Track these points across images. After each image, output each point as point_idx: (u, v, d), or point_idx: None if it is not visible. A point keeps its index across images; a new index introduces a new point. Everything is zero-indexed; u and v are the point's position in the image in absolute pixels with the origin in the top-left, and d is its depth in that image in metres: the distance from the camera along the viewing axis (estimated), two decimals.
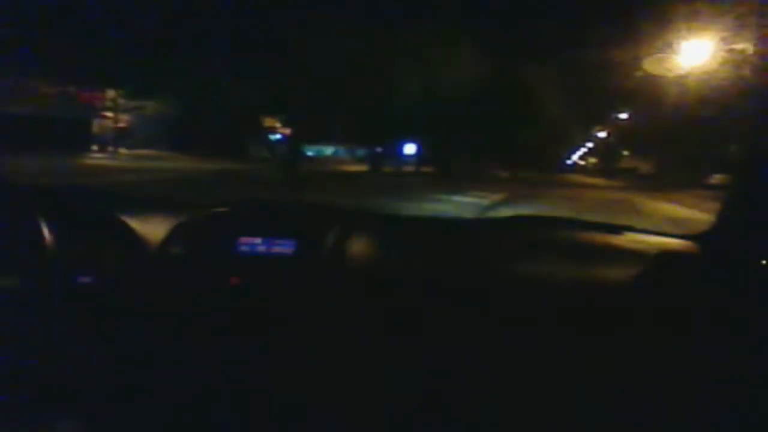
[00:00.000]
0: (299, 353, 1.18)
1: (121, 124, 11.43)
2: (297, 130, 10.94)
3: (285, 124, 11.09)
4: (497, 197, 7.51)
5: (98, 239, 1.21)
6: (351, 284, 1.22)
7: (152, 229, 1.26)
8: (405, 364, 1.18)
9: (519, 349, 1.17)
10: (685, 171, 9.44)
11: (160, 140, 9.32)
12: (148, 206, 1.34)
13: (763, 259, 1.13)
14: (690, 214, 7.11)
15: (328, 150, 12.15)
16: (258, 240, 1.23)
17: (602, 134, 12.17)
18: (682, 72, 2.16)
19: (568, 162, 13.84)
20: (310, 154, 11.49)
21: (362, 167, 11.10)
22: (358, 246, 1.27)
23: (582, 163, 15.21)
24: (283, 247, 1.23)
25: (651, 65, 2.15)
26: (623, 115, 9.70)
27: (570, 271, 1.22)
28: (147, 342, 1.16)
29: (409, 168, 11.30)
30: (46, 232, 1.13)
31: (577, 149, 14.12)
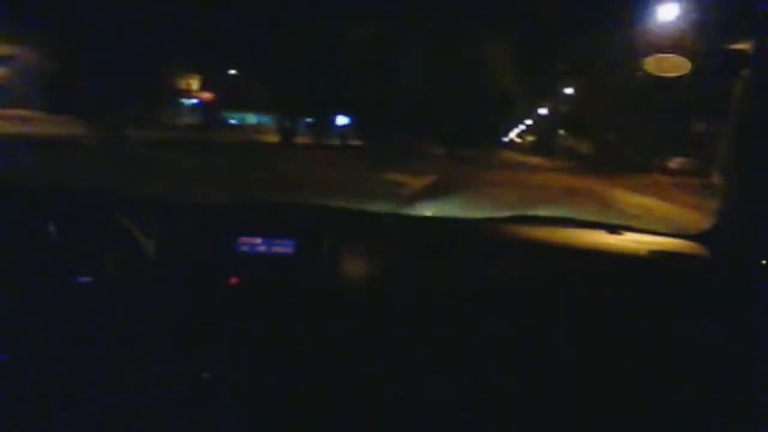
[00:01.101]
0: (299, 353, 1.22)
1: None
2: (217, 94, 10.08)
3: (203, 88, 10.10)
4: (423, 181, 6.70)
5: (98, 239, 1.26)
6: (349, 284, 1.27)
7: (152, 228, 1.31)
8: (405, 363, 1.23)
9: (518, 349, 1.23)
10: (638, 152, 9.36)
11: (42, 99, 8.12)
12: (147, 206, 1.41)
13: (763, 259, 1.20)
14: (680, 213, 5.99)
15: (252, 119, 11.29)
16: (258, 240, 1.28)
17: (543, 111, 12.27)
18: (686, 72, 1.88)
19: (505, 139, 14.21)
20: (232, 122, 10.90)
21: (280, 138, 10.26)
22: (357, 247, 1.32)
23: (519, 140, 15.66)
24: (283, 247, 1.29)
25: (650, 66, 1.86)
26: (569, 90, 9.52)
27: (569, 271, 1.28)
28: (146, 342, 1.21)
29: (336, 141, 10.62)
30: (46, 232, 1.19)
31: (516, 126, 14.47)
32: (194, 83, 10.64)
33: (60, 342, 1.20)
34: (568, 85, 9.35)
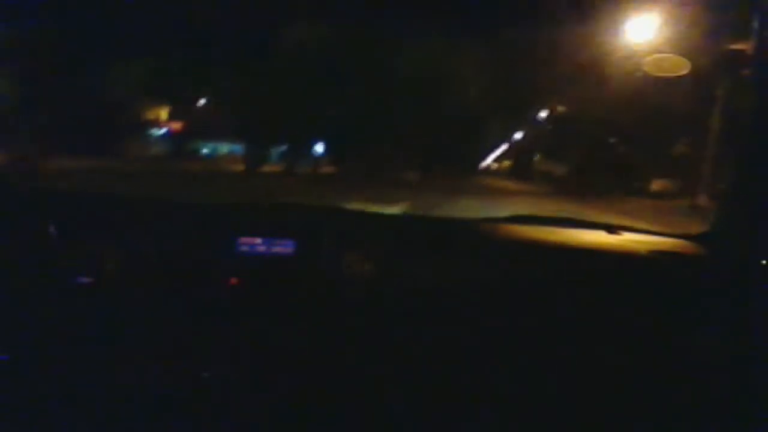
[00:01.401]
0: (299, 353, 1.31)
1: None
2: (186, 123, 10.07)
3: (172, 117, 10.08)
4: (393, 210, 6.62)
5: (98, 239, 1.35)
6: (349, 283, 1.35)
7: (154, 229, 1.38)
8: (405, 363, 1.32)
9: (518, 348, 1.32)
10: (618, 174, 9.40)
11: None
12: (147, 207, 1.50)
13: (763, 259, 1.28)
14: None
15: (224, 148, 11.29)
16: (258, 240, 1.38)
17: (518, 135, 12.53)
18: (686, 72, 1.96)
19: (483, 165, 14.67)
20: (204, 151, 10.91)
21: (268, 168, 10.17)
22: (357, 247, 1.41)
23: (496, 166, 16.09)
24: (283, 247, 1.38)
25: (650, 66, 1.95)
26: (543, 113, 9.67)
27: (568, 270, 1.38)
28: (146, 342, 1.29)
29: (307, 169, 10.56)
30: (46, 232, 1.29)
31: (492, 151, 14.89)
32: (163, 113, 10.67)
33: (60, 342, 1.27)
34: (542, 109, 9.50)
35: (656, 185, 10.83)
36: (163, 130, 11.27)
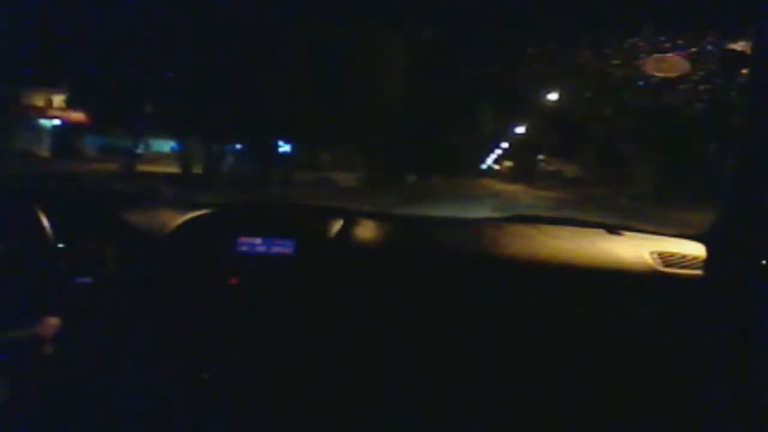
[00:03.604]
0: (299, 353, 1.44)
1: None
2: (92, 114, 9.21)
3: (70, 105, 9.31)
4: None
5: (98, 239, 1.48)
6: (348, 283, 1.50)
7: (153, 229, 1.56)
8: (406, 363, 1.43)
9: (519, 349, 1.43)
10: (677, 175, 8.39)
11: None
12: (149, 206, 1.66)
13: (764, 259, 1.36)
14: None
15: (165, 146, 10.86)
16: (258, 240, 1.51)
17: (520, 130, 12.58)
18: (686, 72, 2.08)
19: (484, 166, 15.19)
20: (139, 150, 10.08)
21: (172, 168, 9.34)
22: (357, 247, 1.55)
23: (497, 167, 16.60)
24: (283, 247, 1.51)
25: (649, 66, 2.07)
26: (552, 96, 8.97)
27: (568, 271, 1.50)
28: (146, 341, 1.43)
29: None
30: (46, 232, 1.39)
31: (493, 150, 15.21)
32: (56, 99, 9.87)
33: (60, 342, 1.37)
34: (551, 92, 8.90)
35: None
36: (57, 122, 10.29)
